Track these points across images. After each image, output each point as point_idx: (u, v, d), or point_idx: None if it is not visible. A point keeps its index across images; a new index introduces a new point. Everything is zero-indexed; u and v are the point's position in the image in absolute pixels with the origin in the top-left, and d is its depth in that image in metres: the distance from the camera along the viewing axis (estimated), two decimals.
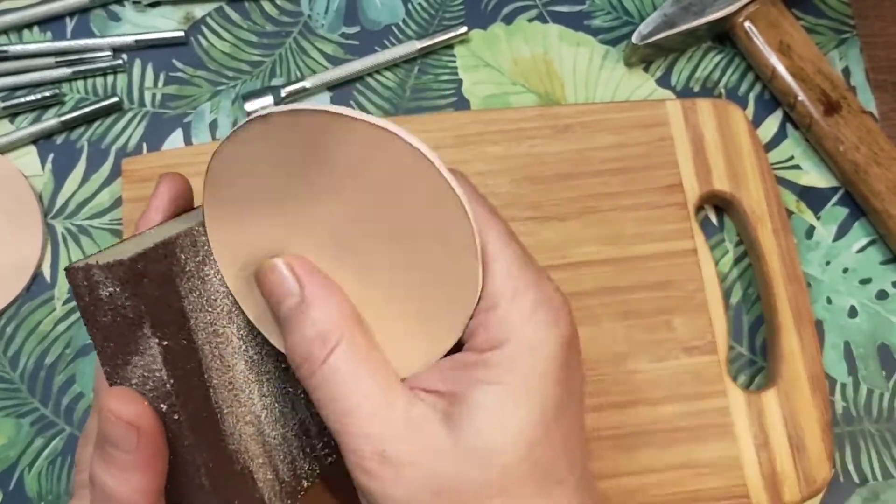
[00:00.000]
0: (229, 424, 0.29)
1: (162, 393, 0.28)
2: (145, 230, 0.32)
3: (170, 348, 0.28)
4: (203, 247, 0.30)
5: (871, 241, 0.47)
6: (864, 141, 0.46)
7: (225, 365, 0.30)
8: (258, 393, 0.31)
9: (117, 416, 0.27)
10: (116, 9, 0.51)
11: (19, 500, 0.43)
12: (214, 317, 0.30)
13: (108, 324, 0.27)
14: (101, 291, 0.27)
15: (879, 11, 0.51)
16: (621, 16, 0.51)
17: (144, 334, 0.27)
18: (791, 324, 0.43)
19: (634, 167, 0.46)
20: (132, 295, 0.27)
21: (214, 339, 0.30)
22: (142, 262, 0.27)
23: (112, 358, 0.28)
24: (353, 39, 0.50)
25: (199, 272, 0.29)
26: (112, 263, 0.27)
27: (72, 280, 0.28)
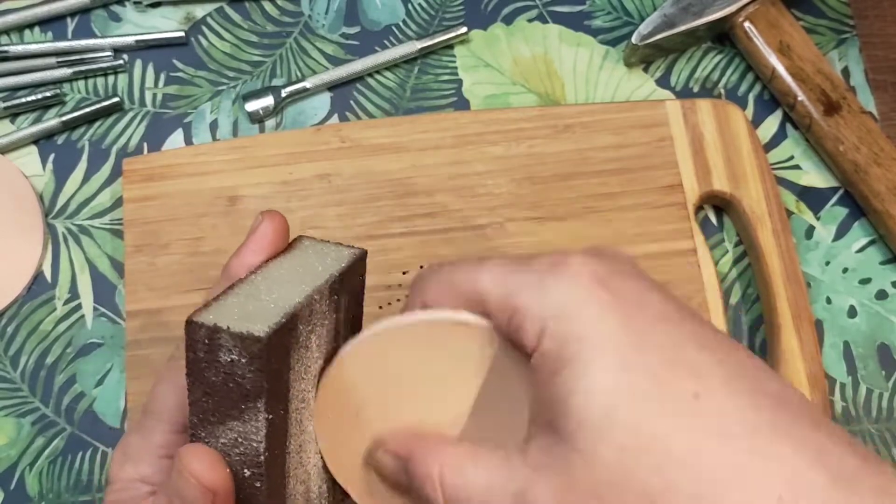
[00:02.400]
0: (291, 487, 0.29)
1: (251, 461, 0.27)
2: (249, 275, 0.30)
3: (273, 421, 0.27)
4: (315, 315, 0.29)
5: (871, 241, 0.47)
6: (864, 141, 0.46)
7: (301, 429, 0.30)
8: (313, 450, 0.31)
9: (198, 478, 0.26)
10: (117, 9, 0.51)
11: (20, 500, 0.43)
12: (306, 384, 0.30)
13: (217, 384, 0.26)
14: (221, 355, 0.26)
15: (879, 11, 0.51)
16: (621, 16, 0.51)
17: (255, 407, 0.26)
18: (790, 324, 0.43)
19: (634, 167, 0.46)
20: (258, 370, 0.26)
21: (300, 405, 0.29)
22: (275, 339, 0.26)
23: (206, 413, 0.27)
24: (354, 39, 0.50)
25: (307, 341, 0.29)
26: (245, 336, 0.25)
27: (191, 334, 0.26)
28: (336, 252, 0.32)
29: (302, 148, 0.46)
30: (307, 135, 0.47)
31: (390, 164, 0.46)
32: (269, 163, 0.46)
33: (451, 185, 0.46)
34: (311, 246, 0.33)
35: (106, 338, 0.45)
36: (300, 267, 0.31)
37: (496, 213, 0.45)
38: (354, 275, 0.32)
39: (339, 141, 0.47)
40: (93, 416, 0.44)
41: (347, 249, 0.33)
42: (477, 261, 0.29)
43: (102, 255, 0.47)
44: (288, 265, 0.31)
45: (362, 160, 0.46)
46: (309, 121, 0.49)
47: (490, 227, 0.45)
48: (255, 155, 0.46)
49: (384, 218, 0.45)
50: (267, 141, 0.47)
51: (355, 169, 0.46)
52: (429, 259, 0.44)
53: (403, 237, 0.45)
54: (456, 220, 0.45)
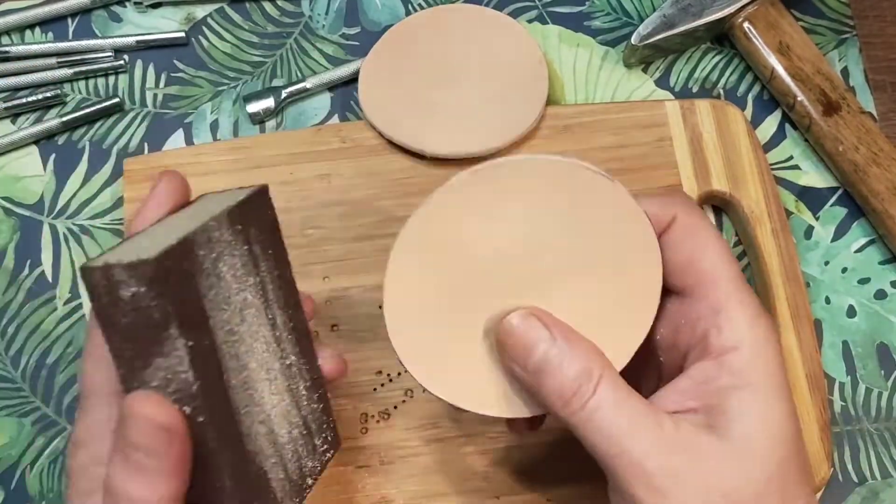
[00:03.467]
0: (246, 425, 0.29)
1: (187, 395, 0.27)
2: (146, 227, 0.31)
3: (195, 348, 0.27)
4: (217, 243, 0.29)
5: (870, 240, 0.47)
6: (864, 141, 0.46)
7: (240, 364, 0.30)
8: (268, 391, 0.31)
9: (151, 420, 0.26)
10: (118, 10, 0.51)
11: (21, 500, 0.43)
12: (229, 315, 0.29)
13: (129, 325, 0.27)
14: (122, 292, 0.26)
15: (879, 12, 0.51)
16: (621, 17, 0.51)
17: (171, 335, 0.26)
18: (790, 323, 0.43)
19: (634, 167, 0.46)
20: (158, 294, 0.26)
21: (230, 338, 0.29)
22: (167, 261, 0.26)
23: (130, 360, 0.27)
24: (354, 40, 0.50)
25: (215, 269, 0.29)
26: (136, 262, 0.26)
27: (88, 279, 0.26)
28: (234, 193, 0.32)
29: (302, 148, 0.46)
30: (307, 135, 0.47)
31: (390, 164, 0.46)
32: (269, 163, 0.46)
33: None
34: (210, 196, 0.33)
35: None
36: (198, 213, 0.31)
37: None
38: (259, 207, 0.32)
39: (340, 141, 0.47)
40: None
41: (246, 189, 0.32)
42: (730, 250, 0.32)
43: None
44: (186, 214, 0.32)
45: (362, 160, 0.46)
46: (309, 121, 0.49)
47: None
48: (256, 155, 0.46)
49: (384, 218, 0.45)
50: (267, 141, 0.47)
51: (355, 169, 0.46)
52: None
53: None
54: None
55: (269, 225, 0.33)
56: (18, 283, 0.46)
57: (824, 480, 0.41)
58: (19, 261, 0.47)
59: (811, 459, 0.41)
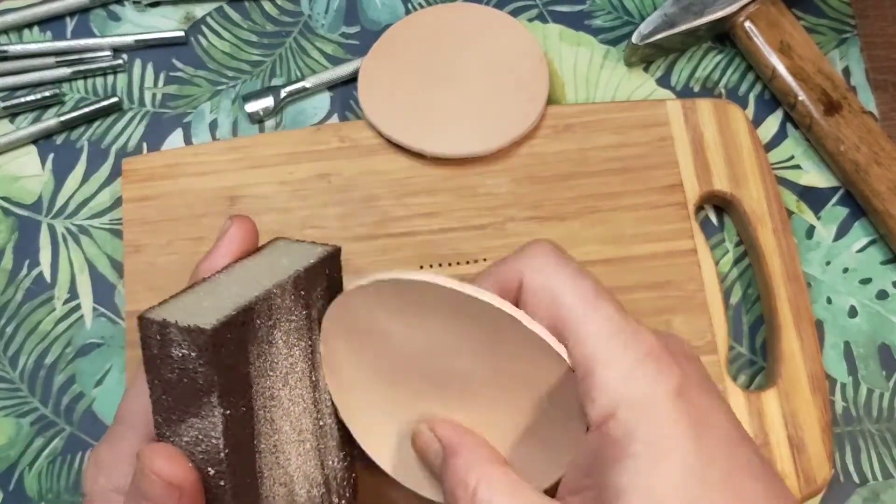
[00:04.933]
0: (266, 488, 0.29)
1: (213, 459, 0.27)
2: (215, 275, 0.31)
3: (231, 417, 0.27)
4: (277, 310, 0.29)
5: (872, 241, 0.46)
6: (865, 141, 0.46)
7: (273, 428, 0.29)
8: (295, 453, 0.31)
9: (159, 475, 0.26)
10: (116, 9, 0.51)
11: (19, 500, 0.43)
12: (273, 381, 0.29)
13: (173, 381, 0.27)
14: (173, 350, 0.26)
15: (880, 11, 0.51)
16: (622, 16, 0.51)
17: (210, 402, 0.27)
18: (791, 324, 0.43)
19: (634, 167, 0.46)
20: (207, 363, 0.26)
21: (269, 402, 0.29)
22: (223, 332, 0.26)
23: (168, 411, 0.27)
24: (353, 39, 0.50)
25: (269, 336, 0.29)
26: (192, 329, 0.26)
27: (144, 330, 0.27)
28: (307, 249, 0.32)
29: (302, 148, 0.46)
30: (307, 134, 0.47)
31: (390, 164, 0.46)
32: (268, 163, 0.46)
33: (451, 185, 0.46)
34: (282, 246, 0.33)
35: (105, 338, 0.45)
36: (267, 266, 0.31)
37: (496, 213, 0.45)
38: (326, 271, 0.32)
39: (339, 141, 0.47)
40: (92, 416, 0.44)
41: (320, 247, 0.32)
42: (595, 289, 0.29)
43: (102, 255, 0.47)
44: (254, 264, 0.31)
45: (362, 160, 0.46)
46: (309, 120, 0.49)
47: (490, 227, 0.45)
48: (255, 155, 0.46)
49: (384, 218, 0.45)
50: (267, 141, 0.47)
51: (355, 169, 0.46)
52: (429, 259, 0.44)
53: (403, 237, 0.45)
54: (456, 220, 0.45)
55: (334, 288, 0.33)
56: (17, 283, 0.46)
57: (825, 481, 0.41)
58: (18, 261, 0.47)
59: (813, 460, 0.41)
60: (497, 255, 0.44)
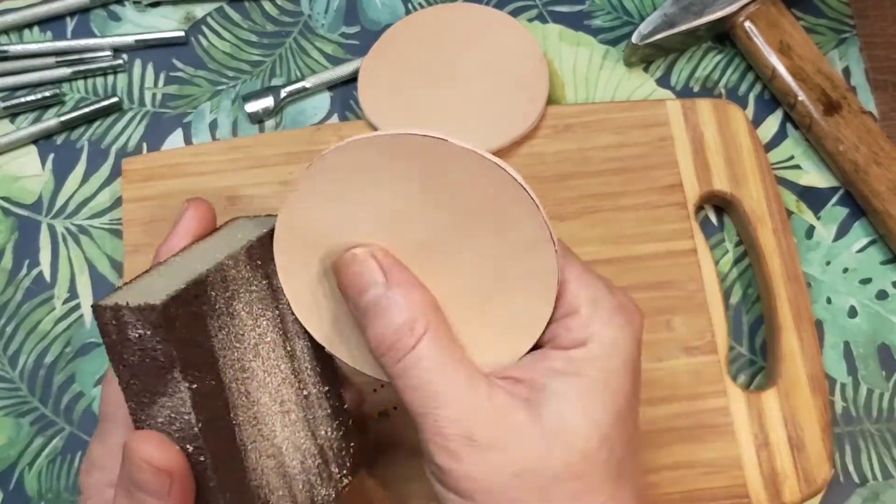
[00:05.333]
0: (252, 460, 0.29)
1: (189, 435, 0.27)
2: (170, 258, 0.31)
3: (199, 390, 0.27)
4: (233, 281, 0.29)
5: (871, 241, 0.46)
6: (865, 141, 0.46)
7: (250, 400, 0.29)
8: (280, 424, 0.31)
9: (150, 462, 0.26)
10: (117, 9, 0.51)
11: (19, 500, 0.43)
12: (241, 352, 0.29)
13: (136, 363, 0.27)
14: (129, 332, 0.27)
15: (879, 11, 0.51)
16: (621, 16, 0.51)
17: (174, 378, 0.27)
18: (791, 324, 0.43)
19: (634, 167, 0.46)
20: (163, 339, 0.26)
21: (241, 374, 0.29)
22: (174, 306, 0.26)
23: (138, 395, 0.27)
24: (353, 39, 0.50)
25: (228, 308, 0.29)
26: (143, 307, 0.26)
27: (99, 318, 0.27)
28: (262, 222, 0.32)
29: (302, 148, 0.46)
30: (307, 134, 0.47)
31: None
32: (268, 163, 0.46)
33: None
34: (241, 223, 0.33)
35: None
36: (223, 243, 0.31)
37: None
38: None
39: (339, 140, 0.46)
40: (92, 415, 0.44)
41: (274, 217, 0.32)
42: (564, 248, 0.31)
43: (102, 255, 0.47)
44: (210, 243, 0.31)
45: None
46: (309, 120, 0.49)
47: None
48: (255, 155, 0.46)
49: None
50: (267, 141, 0.47)
51: None
52: None
53: None
54: None
55: None
56: (17, 283, 0.46)
57: (825, 481, 0.41)
58: (17, 261, 0.47)
59: (813, 460, 0.41)
60: None
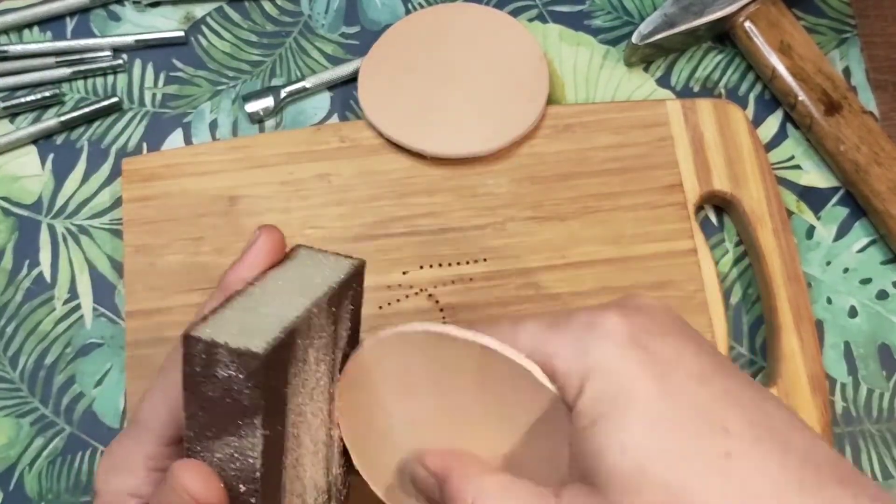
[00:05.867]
0: (286, 501, 0.29)
1: (247, 476, 0.27)
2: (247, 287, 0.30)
3: (270, 438, 0.27)
4: (314, 329, 0.29)
5: (872, 241, 0.46)
6: (865, 141, 0.46)
7: (297, 443, 0.29)
8: (310, 464, 0.31)
9: (192, 495, 0.26)
10: (116, 9, 0.51)
11: (19, 500, 0.43)
12: (302, 398, 0.29)
13: (215, 399, 0.26)
14: (219, 370, 0.26)
15: (880, 11, 0.51)
16: (621, 16, 0.51)
17: (252, 423, 0.26)
18: (791, 324, 0.43)
19: (634, 167, 0.46)
20: (255, 386, 0.26)
21: (298, 419, 0.29)
22: (273, 355, 0.26)
23: (203, 428, 0.27)
24: (353, 39, 0.50)
25: (304, 355, 0.29)
26: (243, 352, 0.25)
27: (188, 347, 0.26)
28: (334, 263, 0.32)
29: (302, 148, 0.46)
30: (307, 134, 0.47)
31: (390, 164, 0.46)
32: (268, 163, 0.46)
33: (451, 185, 0.46)
34: (308, 256, 0.33)
35: (105, 338, 0.45)
36: (298, 279, 0.31)
37: (496, 213, 0.45)
38: (352, 286, 0.32)
39: (339, 141, 0.47)
40: (92, 416, 0.44)
41: (346, 260, 0.32)
42: (511, 322, 0.29)
43: (102, 255, 0.47)
44: (285, 277, 0.31)
45: (362, 160, 0.46)
46: (309, 120, 0.49)
47: (490, 227, 0.45)
48: (255, 155, 0.46)
49: (384, 218, 0.45)
50: (267, 141, 0.47)
51: (355, 169, 0.46)
52: (429, 259, 0.44)
53: (403, 237, 0.45)
54: (456, 220, 0.45)
55: (357, 301, 0.33)
56: (17, 284, 0.46)
57: None
58: (17, 261, 0.47)
59: None
60: (497, 254, 0.44)
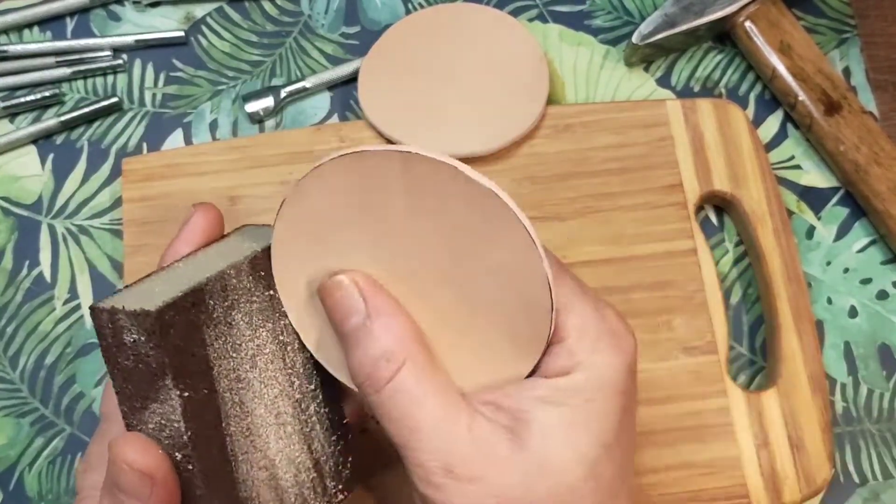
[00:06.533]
0: (243, 472, 0.29)
1: (178, 442, 0.27)
2: (173, 263, 0.31)
3: (190, 399, 0.27)
4: (233, 291, 0.29)
5: (872, 241, 0.46)
6: (865, 141, 0.46)
7: (244, 411, 0.29)
8: (275, 436, 0.30)
9: (131, 465, 0.27)
10: (116, 9, 0.51)
11: (19, 500, 0.43)
12: (238, 362, 0.29)
13: (130, 368, 0.27)
14: (125, 336, 0.27)
15: (880, 11, 0.51)
16: (622, 16, 0.51)
17: (166, 385, 0.27)
18: (791, 324, 0.43)
19: (634, 167, 0.46)
20: (156, 346, 0.26)
21: (236, 385, 0.29)
22: (169, 313, 0.26)
23: (130, 399, 0.28)
24: (353, 39, 0.50)
25: (227, 317, 0.29)
26: (138, 312, 0.26)
27: (96, 320, 0.27)
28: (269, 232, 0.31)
29: (302, 148, 0.46)
30: (307, 135, 0.47)
31: None
32: (268, 163, 0.46)
33: None
34: (248, 231, 0.33)
35: None
36: (228, 250, 0.31)
37: None
38: None
39: (339, 141, 0.47)
40: (92, 416, 0.44)
41: None
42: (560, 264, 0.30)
43: (102, 256, 0.47)
44: (215, 250, 0.31)
45: None
46: (309, 120, 0.49)
47: None
48: (255, 155, 0.46)
49: None
50: (267, 141, 0.47)
51: None
52: None
53: None
54: None
55: None
56: (17, 284, 0.46)
57: (826, 482, 0.41)
58: (17, 261, 0.47)
59: (813, 460, 0.41)
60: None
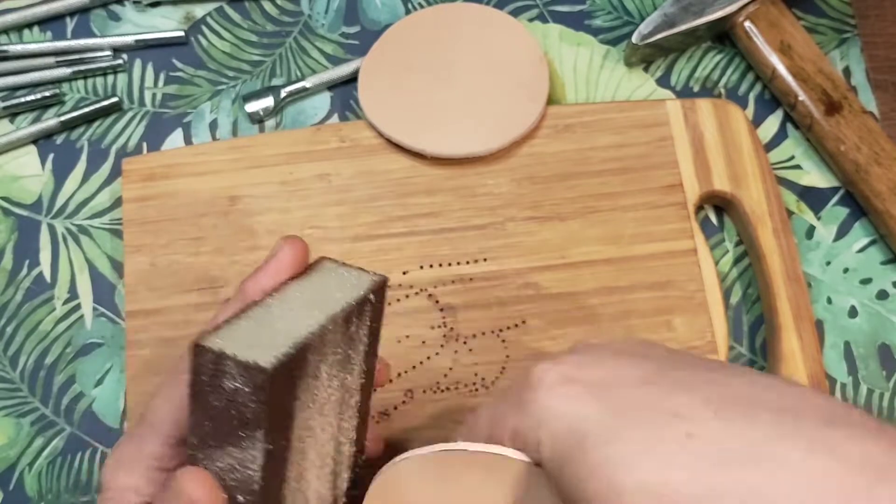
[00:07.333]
0: None
1: (246, 488, 0.27)
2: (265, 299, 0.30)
3: (271, 452, 0.27)
4: (327, 345, 0.29)
5: (872, 241, 0.46)
6: (865, 141, 0.46)
7: (302, 457, 0.29)
8: (315, 476, 0.30)
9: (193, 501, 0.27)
10: (117, 8, 0.51)
11: (19, 500, 0.43)
12: (310, 413, 0.29)
13: (219, 408, 0.26)
14: (225, 382, 0.26)
15: (880, 11, 0.51)
16: (622, 16, 0.51)
17: (254, 436, 0.26)
18: (791, 324, 0.43)
19: (634, 167, 0.46)
20: (258, 401, 0.25)
21: (305, 433, 0.29)
22: (281, 371, 0.26)
23: (206, 436, 0.27)
24: (353, 39, 0.50)
25: (315, 371, 0.28)
26: (251, 365, 0.25)
27: (196, 357, 0.26)
28: (356, 278, 0.31)
29: (302, 148, 0.46)
30: (307, 134, 0.47)
31: (390, 164, 0.46)
32: (268, 163, 0.46)
33: (451, 185, 0.46)
34: (331, 270, 0.32)
35: (106, 338, 0.45)
36: (317, 292, 0.30)
37: (496, 213, 0.45)
38: (372, 301, 0.31)
39: (339, 141, 0.47)
40: (92, 416, 0.44)
41: (367, 275, 0.31)
42: (470, 414, 0.31)
43: (102, 255, 0.47)
44: (305, 290, 0.31)
45: (362, 160, 0.46)
46: (309, 120, 0.49)
47: (490, 227, 0.45)
48: (255, 155, 0.46)
49: (384, 218, 0.45)
50: (267, 141, 0.47)
51: (355, 169, 0.46)
52: (429, 259, 0.44)
53: (403, 237, 0.45)
54: (456, 220, 0.45)
55: (377, 318, 0.32)
56: (17, 284, 0.46)
57: None
58: (17, 261, 0.47)
59: None
60: (497, 254, 0.44)
